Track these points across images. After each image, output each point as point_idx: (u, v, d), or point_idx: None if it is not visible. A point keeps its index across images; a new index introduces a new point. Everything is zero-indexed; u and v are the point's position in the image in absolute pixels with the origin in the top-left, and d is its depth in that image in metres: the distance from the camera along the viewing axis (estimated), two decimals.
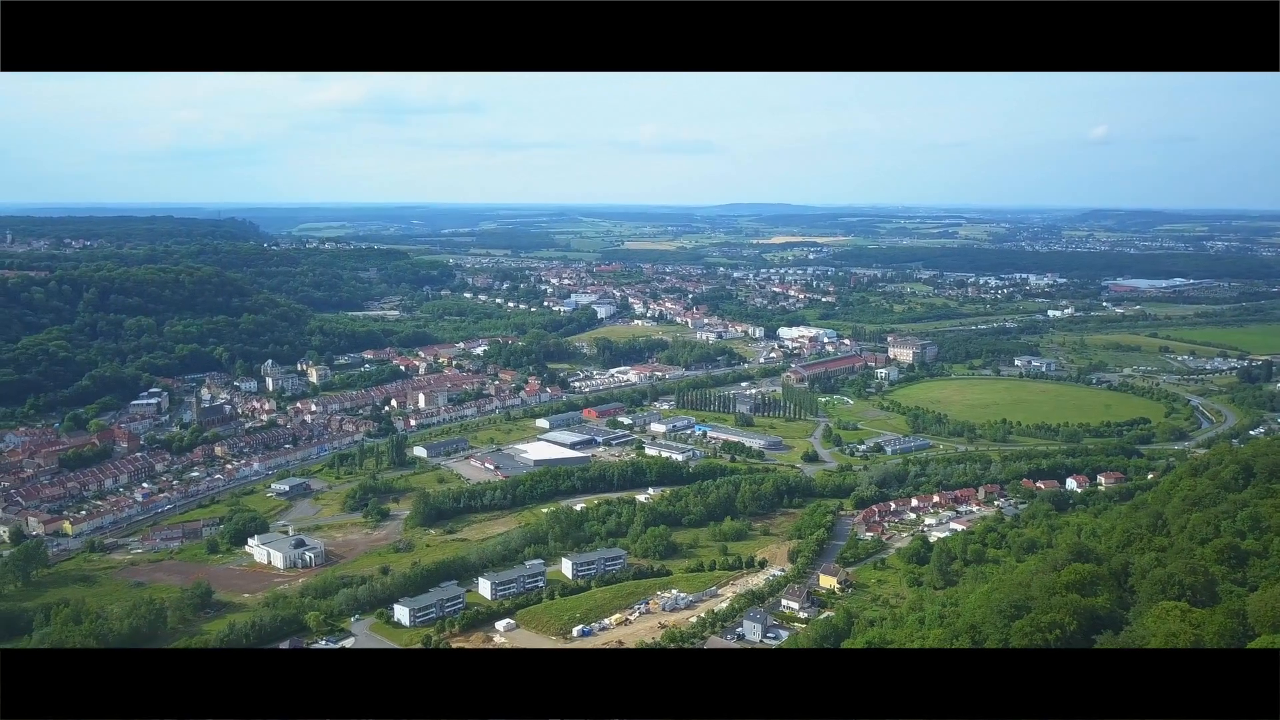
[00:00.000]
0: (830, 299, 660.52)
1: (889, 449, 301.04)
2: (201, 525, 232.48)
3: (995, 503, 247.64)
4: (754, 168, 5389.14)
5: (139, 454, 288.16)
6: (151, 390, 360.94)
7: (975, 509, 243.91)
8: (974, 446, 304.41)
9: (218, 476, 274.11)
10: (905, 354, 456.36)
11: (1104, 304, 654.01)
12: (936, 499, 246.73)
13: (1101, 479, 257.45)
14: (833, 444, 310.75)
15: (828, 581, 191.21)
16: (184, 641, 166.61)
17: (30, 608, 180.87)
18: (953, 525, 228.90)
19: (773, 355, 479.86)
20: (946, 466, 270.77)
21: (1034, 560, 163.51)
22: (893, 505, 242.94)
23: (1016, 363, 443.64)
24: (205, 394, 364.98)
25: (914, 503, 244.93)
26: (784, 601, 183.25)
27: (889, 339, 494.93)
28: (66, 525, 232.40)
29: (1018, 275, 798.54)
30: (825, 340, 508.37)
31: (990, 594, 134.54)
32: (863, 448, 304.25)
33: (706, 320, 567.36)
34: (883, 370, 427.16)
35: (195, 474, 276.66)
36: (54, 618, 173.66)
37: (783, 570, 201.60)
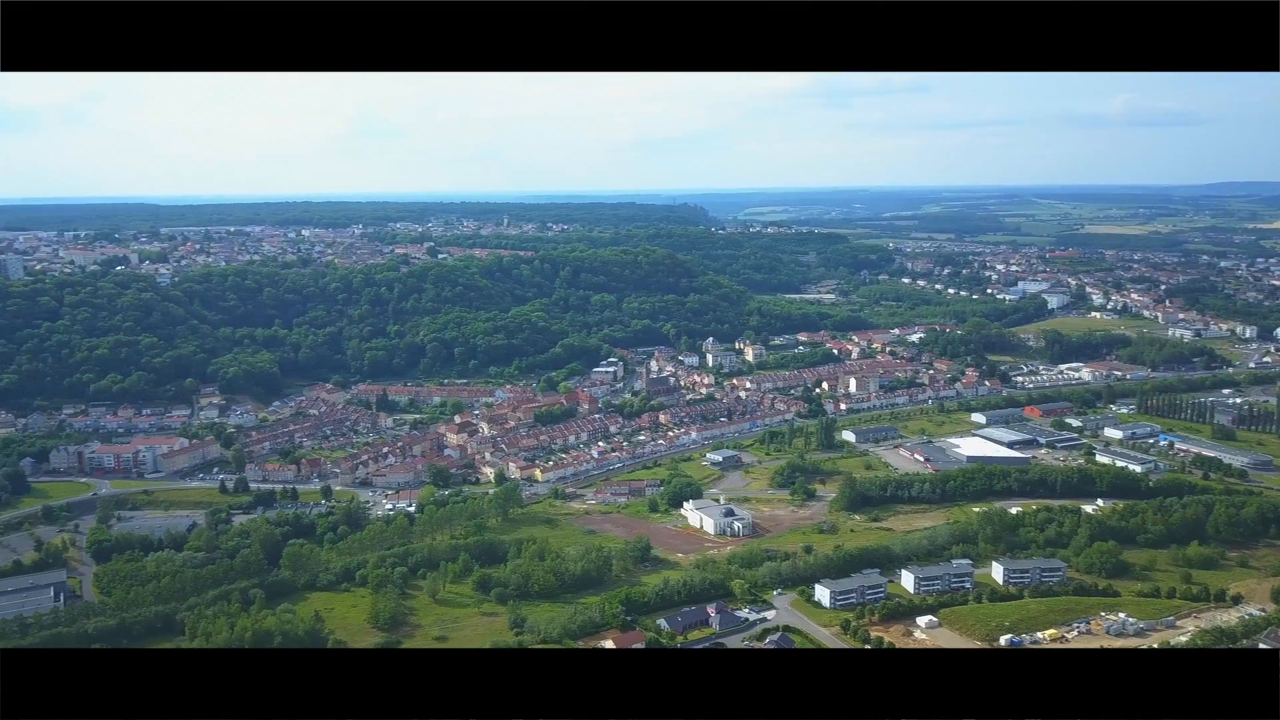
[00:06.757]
0: None
1: None
2: (645, 485, 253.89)
3: None
4: (1252, 140, 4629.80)
5: (597, 415, 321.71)
6: (609, 359, 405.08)
7: None
8: None
9: (660, 442, 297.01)
10: None
11: None
12: None
13: None
14: None
15: None
16: (624, 591, 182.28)
17: (506, 541, 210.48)
18: None
19: (1266, 359, 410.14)
20: None
21: None
22: None
23: None
24: (653, 366, 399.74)
25: None
26: (1262, 646, 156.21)
27: None
28: (537, 473, 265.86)
29: None
30: None
31: None
32: None
33: (1181, 315, 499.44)
34: None
35: (641, 438, 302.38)
36: (524, 551, 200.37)
37: (1262, 610, 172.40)
